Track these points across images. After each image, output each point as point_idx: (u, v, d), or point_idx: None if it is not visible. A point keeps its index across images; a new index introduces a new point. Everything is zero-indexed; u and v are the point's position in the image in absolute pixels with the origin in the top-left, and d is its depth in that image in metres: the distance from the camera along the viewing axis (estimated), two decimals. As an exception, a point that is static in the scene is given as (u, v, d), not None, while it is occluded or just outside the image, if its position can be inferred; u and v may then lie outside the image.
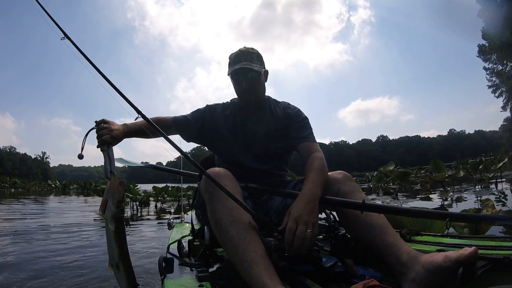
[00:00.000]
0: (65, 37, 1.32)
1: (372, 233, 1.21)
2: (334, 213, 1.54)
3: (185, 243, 1.69)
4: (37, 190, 24.58)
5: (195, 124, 1.65)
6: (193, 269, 1.32)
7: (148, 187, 14.37)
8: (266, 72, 1.66)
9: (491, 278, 0.97)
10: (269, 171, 1.63)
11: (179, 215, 3.15)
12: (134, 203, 8.46)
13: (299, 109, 1.68)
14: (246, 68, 1.52)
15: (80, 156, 1.33)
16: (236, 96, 1.69)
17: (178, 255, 1.55)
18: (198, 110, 1.71)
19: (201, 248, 1.51)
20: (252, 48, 1.62)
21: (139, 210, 7.99)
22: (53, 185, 29.17)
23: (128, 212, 7.07)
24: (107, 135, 1.32)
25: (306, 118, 1.65)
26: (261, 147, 1.61)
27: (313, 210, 1.18)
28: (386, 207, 1.42)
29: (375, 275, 1.25)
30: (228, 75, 1.60)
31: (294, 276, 1.23)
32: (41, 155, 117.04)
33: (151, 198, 9.51)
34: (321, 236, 1.64)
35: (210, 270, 1.24)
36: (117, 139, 1.38)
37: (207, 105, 1.73)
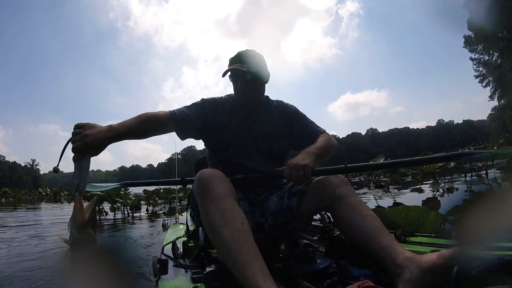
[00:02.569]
0: None
1: (367, 234, 1.21)
2: (329, 214, 1.55)
3: (179, 244, 1.68)
4: (28, 198, 24.15)
5: (196, 121, 1.52)
6: (188, 270, 1.31)
7: (139, 190, 14.21)
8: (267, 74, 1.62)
9: (486, 278, 0.96)
10: None
11: (174, 216, 3.14)
12: (125, 208, 8.32)
13: (295, 107, 1.72)
14: (238, 70, 1.49)
15: (55, 169, 1.14)
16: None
17: (172, 257, 1.54)
18: (195, 104, 1.58)
19: (195, 249, 1.51)
20: (252, 50, 1.58)
21: (130, 214, 7.92)
22: (43, 193, 28.74)
23: (120, 215, 6.99)
24: (79, 142, 1.14)
25: (305, 114, 1.71)
26: (267, 147, 1.59)
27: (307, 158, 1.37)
28: (368, 165, 1.82)
29: (370, 275, 1.25)
30: (223, 76, 1.55)
31: (288, 278, 1.23)
32: (31, 163, 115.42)
33: (142, 202, 9.37)
34: (315, 237, 1.64)
35: (205, 271, 1.23)
36: (95, 147, 1.18)
37: (202, 99, 1.62)
